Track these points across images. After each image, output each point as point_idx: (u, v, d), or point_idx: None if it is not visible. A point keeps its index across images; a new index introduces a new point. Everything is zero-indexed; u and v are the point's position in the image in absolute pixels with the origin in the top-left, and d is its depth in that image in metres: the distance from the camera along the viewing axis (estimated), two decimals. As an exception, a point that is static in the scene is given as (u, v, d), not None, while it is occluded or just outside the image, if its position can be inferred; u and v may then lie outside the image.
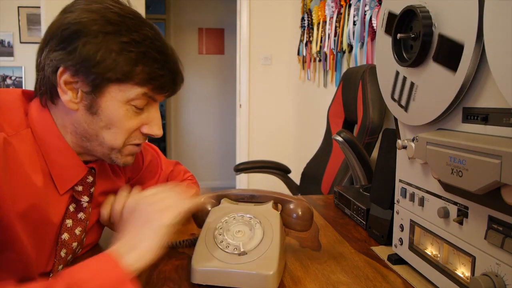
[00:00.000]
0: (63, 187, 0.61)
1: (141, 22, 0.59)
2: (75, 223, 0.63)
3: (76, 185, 0.62)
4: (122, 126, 0.59)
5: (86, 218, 0.65)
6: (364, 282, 0.59)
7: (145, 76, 0.57)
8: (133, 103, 0.59)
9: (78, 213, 0.64)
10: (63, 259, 0.63)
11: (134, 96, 0.58)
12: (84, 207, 0.64)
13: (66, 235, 0.62)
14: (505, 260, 0.42)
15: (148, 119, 0.62)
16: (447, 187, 0.50)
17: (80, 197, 0.63)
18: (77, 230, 0.64)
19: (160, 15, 4.56)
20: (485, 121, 0.44)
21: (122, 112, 0.58)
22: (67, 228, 0.62)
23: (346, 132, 1.10)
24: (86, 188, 0.64)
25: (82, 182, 0.63)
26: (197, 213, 0.69)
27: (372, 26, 1.51)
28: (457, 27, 0.46)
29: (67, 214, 0.62)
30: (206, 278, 0.57)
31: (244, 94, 3.05)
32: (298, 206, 0.65)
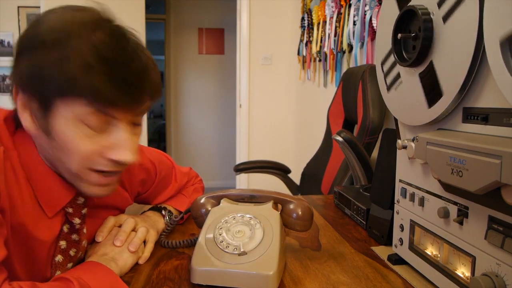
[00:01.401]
0: (50, 210, 0.58)
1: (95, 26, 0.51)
2: (69, 245, 0.61)
3: (66, 207, 0.60)
4: (74, 148, 0.53)
5: (80, 239, 0.63)
6: (364, 282, 0.59)
7: (90, 89, 0.50)
8: (85, 121, 0.52)
9: (72, 235, 0.62)
10: None
11: (83, 113, 0.51)
12: (76, 228, 0.62)
13: (60, 257, 0.60)
14: (505, 260, 0.42)
15: (111, 142, 0.54)
16: (447, 187, 0.50)
17: (72, 218, 0.61)
18: (72, 251, 0.62)
19: (160, 15, 4.56)
20: (485, 121, 0.44)
21: (72, 131, 0.52)
22: (61, 250, 0.60)
23: (346, 132, 1.10)
24: (77, 210, 0.61)
25: (71, 204, 0.60)
26: (197, 213, 0.69)
27: (372, 26, 1.51)
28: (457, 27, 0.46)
29: (61, 235, 0.60)
30: (206, 278, 0.57)
31: (244, 94, 3.05)
32: (298, 206, 0.65)
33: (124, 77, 0.51)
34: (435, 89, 0.51)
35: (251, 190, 0.70)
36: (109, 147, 0.54)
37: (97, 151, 0.54)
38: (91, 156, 0.54)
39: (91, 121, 0.52)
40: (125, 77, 0.52)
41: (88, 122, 0.52)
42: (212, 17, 4.47)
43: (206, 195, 0.70)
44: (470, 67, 0.44)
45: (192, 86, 4.58)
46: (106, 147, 0.54)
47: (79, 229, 0.62)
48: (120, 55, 0.51)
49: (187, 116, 4.62)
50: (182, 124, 4.63)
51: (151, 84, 0.55)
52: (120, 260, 0.60)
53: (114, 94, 0.51)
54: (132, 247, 0.63)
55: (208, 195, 0.70)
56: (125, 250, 0.63)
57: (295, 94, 2.96)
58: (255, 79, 3.06)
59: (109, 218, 0.68)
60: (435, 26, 0.50)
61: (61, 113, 0.51)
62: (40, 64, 0.50)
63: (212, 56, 4.54)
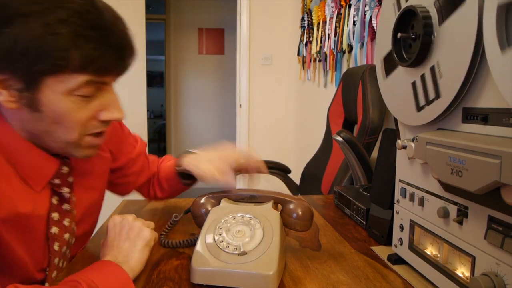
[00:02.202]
0: (37, 184, 0.58)
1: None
2: (62, 215, 0.62)
3: (52, 179, 0.60)
4: (72, 119, 0.53)
5: (72, 208, 0.63)
6: (364, 282, 0.59)
7: (81, 61, 0.49)
8: (77, 93, 0.52)
9: (63, 205, 0.62)
10: (57, 252, 0.62)
11: (76, 86, 0.51)
12: (67, 198, 0.63)
13: (55, 228, 0.61)
14: (505, 260, 0.42)
15: (103, 105, 0.56)
16: (447, 187, 0.50)
17: (60, 189, 0.61)
18: (66, 221, 0.63)
19: (160, 15, 4.56)
20: (485, 121, 0.44)
21: (67, 104, 0.52)
22: (54, 222, 0.61)
23: (346, 132, 1.10)
24: (64, 179, 0.62)
25: (57, 175, 0.61)
26: (197, 213, 0.69)
27: (372, 26, 1.51)
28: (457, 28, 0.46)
29: (52, 207, 0.61)
30: (206, 278, 0.57)
31: (244, 94, 3.05)
32: (298, 206, 0.65)
33: (113, 41, 0.52)
34: (435, 89, 0.51)
35: (251, 190, 0.70)
36: (101, 109, 0.56)
37: (92, 116, 0.55)
38: (87, 122, 0.55)
39: (84, 92, 0.52)
40: (115, 41, 0.52)
41: (81, 92, 0.52)
42: (212, 17, 4.47)
43: (206, 195, 0.71)
44: (469, 67, 0.44)
45: (192, 86, 4.58)
46: (98, 110, 0.56)
47: (69, 198, 0.63)
48: (103, 20, 0.51)
49: (187, 116, 4.63)
50: (182, 124, 4.63)
51: (131, 44, 0.56)
52: (131, 262, 0.58)
53: (107, 62, 0.51)
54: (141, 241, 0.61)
55: (208, 195, 0.70)
56: (134, 249, 0.60)
57: (295, 94, 2.96)
58: (255, 79, 3.07)
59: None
60: (435, 26, 0.50)
61: (51, 88, 0.50)
62: (20, 38, 0.47)
63: (212, 56, 4.54)
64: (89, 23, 0.49)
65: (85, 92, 0.52)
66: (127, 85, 2.70)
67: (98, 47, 0.50)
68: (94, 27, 0.49)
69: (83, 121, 0.55)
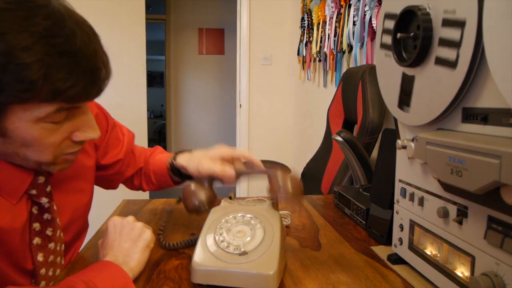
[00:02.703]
0: (12, 197, 0.57)
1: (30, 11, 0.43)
2: (44, 225, 0.61)
3: (28, 190, 0.59)
4: (43, 144, 0.51)
5: (54, 217, 0.62)
6: (364, 282, 0.59)
7: (50, 91, 0.45)
8: (47, 120, 0.49)
9: (43, 215, 0.61)
10: (42, 263, 0.61)
11: (45, 115, 0.48)
12: (46, 207, 0.61)
13: (38, 239, 0.60)
14: (504, 260, 0.42)
15: (76, 126, 0.54)
16: (446, 187, 0.51)
17: (38, 199, 0.60)
18: (48, 231, 0.61)
19: (160, 15, 4.57)
20: (484, 121, 0.44)
21: (37, 131, 0.49)
22: (36, 232, 0.60)
23: (346, 132, 1.10)
24: (41, 190, 0.60)
25: (33, 186, 0.59)
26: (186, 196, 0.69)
27: (372, 26, 1.51)
28: (457, 26, 0.46)
29: (32, 217, 0.60)
30: (207, 277, 0.57)
31: (244, 94, 3.05)
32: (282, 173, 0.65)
33: (86, 70, 0.47)
34: (434, 89, 0.51)
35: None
36: (76, 130, 0.54)
37: (64, 137, 0.53)
38: (60, 144, 0.54)
39: (55, 118, 0.50)
40: (87, 69, 0.47)
41: (52, 119, 0.49)
42: (212, 17, 4.47)
43: (194, 181, 0.72)
44: (469, 67, 0.44)
45: (192, 86, 4.58)
46: (72, 132, 0.54)
47: (49, 207, 0.62)
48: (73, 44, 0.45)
49: (187, 116, 4.63)
50: (182, 124, 4.63)
51: (105, 64, 0.51)
52: (131, 262, 0.58)
53: (79, 91, 0.47)
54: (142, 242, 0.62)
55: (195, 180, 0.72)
56: (135, 250, 0.60)
57: (295, 94, 2.96)
58: (255, 79, 3.07)
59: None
60: (435, 26, 0.50)
61: (19, 116, 0.47)
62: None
63: (212, 56, 4.54)
64: (56, 49, 0.44)
65: (55, 119, 0.50)
66: (127, 85, 2.72)
67: (67, 77, 0.45)
68: (63, 54, 0.44)
69: (55, 144, 0.53)
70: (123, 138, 0.84)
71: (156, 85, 6.83)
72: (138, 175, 0.89)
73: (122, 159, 0.83)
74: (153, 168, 0.87)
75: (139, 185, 0.89)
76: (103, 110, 0.80)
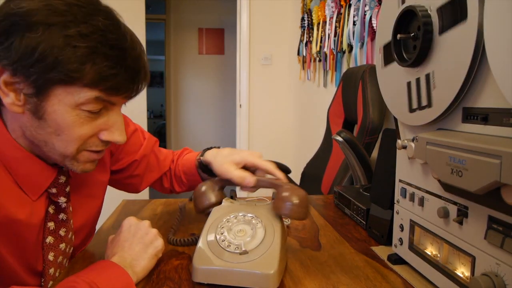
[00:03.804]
0: (33, 193, 0.57)
1: (94, 10, 0.51)
2: (58, 225, 0.61)
3: (49, 188, 0.59)
4: (73, 133, 0.53)
5: (68, 218, 0.63)
6: (364, 282, 0.59)
7: (95, 76, 0.49)
8: (84, 107, 0.52)
9: (59, 214, 0.61)
10: (52, 262, 0.61)
11: (84, 100, 0.51)
12: (63, 207, 0.62)
13: (51, 238, 0.60)
14: (505, 260, 0.42)
15: (106, 125, 0.55)
16: (447, 187, 0.51)
17: (56, 198, 0.61)
18: (62, 231, 0.62)
19: (160, 15, 4.57)
20: (485, 121, 0.44)
21: (71, 118, 0.52)
22: (50, 231, 0.60)
23: (346, 132, 1.10)
24: (61, 189, 0.61)
25: (54, 184, 0.60)
26: (197, 196, 0.70)
27: (372, 26, 1.51)
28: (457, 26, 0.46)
29: (48, 216, 0.60)
30: (208, 276, 0.57)
31: (244, 94, 3.05)
32: (293, 193, 0.63)
33: (129, 64, 0.52)
34: (435, 89, 0.51)
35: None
36: (103, 129, 0.55)
37: (93, 133, 0.55)
38: (88, 139, 0.55)
39: (91, 107, 0.52)
40: (130, 64, 0.52)
41: (88, 108, 0.52)
42: (212, 17, 4.47)
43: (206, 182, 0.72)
44: (470, 67, 0.44)
45: (192, 86, 4.58)
46: (100, 129, 0.55)
47: (66, 208, 0.62)
48: (122, 41, 0.51)
49: (187, 116, 4.63)
50: (182, 124, 4.63)
51: (146, 69, 0.56)
52: (138, 267, 0.58)
53: (119, 82, 0.52)
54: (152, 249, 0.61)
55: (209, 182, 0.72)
56: (144, 255, 0.60)
57: (295, 94, 2.96)
58: (255, 79, 3.07)
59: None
60: (435, 26, 0.50)
61: (60, 98, 0.50)
62: (40, 45, 0.47)
63: (212, 56, 4.55)
64: (109, 42, 0.49)
65: (91, 108, 0.52)
66: (127, 85, 2.71)
67: (113, 66, 0.50)
68: (113, 47, 0.50)
69: (84, 137, 0.54)
70: (144, 142, 0.84)
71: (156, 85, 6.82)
72: (167, 178, 0.89)
73: (138, 160, 0.82)
74: (183, 168, 0.87)
75: (170, 187, 0.89)
76: (125, 116, 0.80)
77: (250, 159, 0.75)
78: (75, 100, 0.51)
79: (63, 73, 0.48)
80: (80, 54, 0.48)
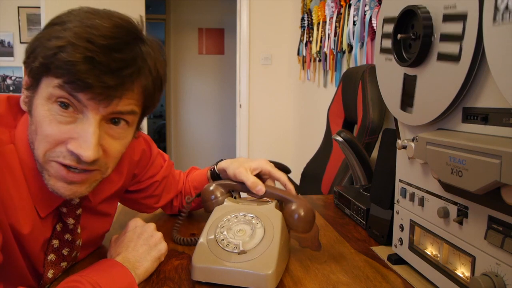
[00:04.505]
0: (43, 211, 0.56)
1: (97, 15, 0.50)
2: (62, 244, 0.60)
3: (60, 207, 0.58)
4: (42, 130, 0.50)
5: (74, 239, 0.62)
6: (364, 282, 0.59)
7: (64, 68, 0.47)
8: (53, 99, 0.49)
9: (65, 234, 0.60)
10: (50, 279, 0.60)
11: (52, 90, 0.49)
12: (70, 229, 0.60)
13: (53, 255, 0.59)
14: (505, 260, 0.42)
15: (75, 132, 0.50)
16: (447, 187, 0.50)
17: (66, 218, 0.59)
18: (64, 251, 0.61)
19: (160, 15, 4.56)
20: (485, 121, 0.44)
21: (44, 112, 0.50)
22: (53, 249, 0.59)
23: (346, 132, 1.10)
24: (71, 210, 0.60)
25: (66, 204, 0.59)
26: (206, 198, 0.70)
27: (372, 26, 1.51)
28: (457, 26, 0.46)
29: (54, 234, 0.59)
30: (206, 275, 0.57)
31: (244, 94, 3.05)
32: (300, 207, 0.65)
33: (104, 63, 0.48)
34: (435, 89, 0.51)
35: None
36: (72, 138, 0.50)
37: (60, 139, 0.50)
38: (55, 143, 0.50)
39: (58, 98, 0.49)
40: (105, 63, 0.48)
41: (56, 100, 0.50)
42: (212, 17, 4.47)
43: (215, 182, 0.73)
44: (470, 67, 0.44)
45: (192, 86, 4.58)
46: (70, 137, 0.50)
47: (73, 229, 0.61)
48: (108, 42, 0.48)
49: (187, 116, 4.63)
50: (182, 124, 4.63)
51: (133, 82, 0.51)
52: (140, 269, 0.57)
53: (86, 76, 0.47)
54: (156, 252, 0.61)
55: (217, 184, 0.72)
56: (148, 257, 0.60)
57: (295, 94, 2.96)
58: (255, 79, 3.06)
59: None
60: (435, 26, 0.50)
61: (41, 91, 0.50)
62: (37, 41, 0.50)
63: (212, 56, 4.54)
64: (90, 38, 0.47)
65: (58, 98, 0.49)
66: (127, 85, 2.71)
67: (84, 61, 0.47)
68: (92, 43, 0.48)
69: (50, 138, 0.50)
70: (164, 164, 0.83)
71: (156, 85, 6.82)
72: (177, 198, 0.88)
73: (159, 181, 0.81)
74: (193, 183, 0.87)
75: (179, 205, 0.88)
76: (149, 143, 0.79)
77: (266, 167, 0.77)
78: (49, 93, 0.49)
79: (41, 61, 0.49)
80: (58, 44, 0.47)
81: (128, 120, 0.54)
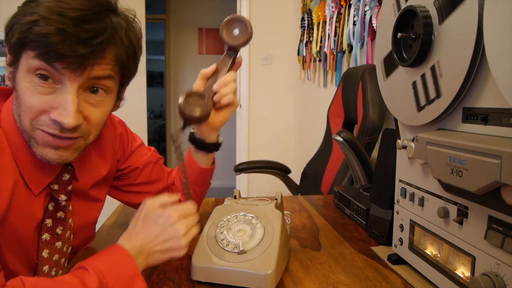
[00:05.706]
0: (36, 187, 0.58)
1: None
2: (55, 223, 0.61)
3: (51, 184, 0.60)
4: (25, 102, 0.54)
5: (67, 217, 0.63)
6: (364, 282, 0.59)
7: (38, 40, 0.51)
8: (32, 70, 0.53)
9: (57, 212, 0.62)
10: (46, 259, 0.60)
11: (35, 65, 0.52)
12: (62, 205, 0.62)
13: (47, 235, 0.60)
14: (505, 260, 0.42)
15: (56, 102, 0.53)
16: (447, 187, 0.50)
17: (57, 195, 0.61)
18: (59, 229, 0.62)
19: (160, 15, 4.56)
20: (485, 121, 0.44)
21: (25, 84, 0.53)
22: (47, 228, 0.60)
23: (346, 132, 1.10)
24: (63, 187, 0.62)
25: (57, 181, 0.61)
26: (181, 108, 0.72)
27: (372, 26, 1.51)
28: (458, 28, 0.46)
29: (47, 213, 0.60)
30: (206, 275, 0.57)
31: (244, 94, 3.05)
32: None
33: (75, 34, 0.51)
34: (435, 88, 0.51)
35: None
36: (54, 107, 0.54)
37: (42, 108, 0.54)
38: (38, 112, 0.54)
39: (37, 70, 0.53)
40: (76, 34, 0.51)
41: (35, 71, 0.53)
42: (212, 17, 4.46)
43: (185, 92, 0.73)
44: (469, 67, 0.44)
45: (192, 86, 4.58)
46: (51, 107, 0.54)
47: (65, 206, 0.62)
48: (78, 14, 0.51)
49: (187, 116, 4.62)
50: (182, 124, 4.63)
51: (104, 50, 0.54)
52: (151, 261, 0.54)
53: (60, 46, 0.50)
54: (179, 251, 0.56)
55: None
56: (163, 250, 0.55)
57: (295, 94, 2.96)
58: (255, 79, 3.06)
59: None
60: (435, 25, 0.50)
61: (22, 65, 0.54)
62: (14, 18, 0.54)
63: (212, 56, 4.54)
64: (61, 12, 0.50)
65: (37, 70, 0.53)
66: (127, 85, 2.71)
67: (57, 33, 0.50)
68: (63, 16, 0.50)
69: (33, 109, 0.54)
70: (148, 152, 0.83)
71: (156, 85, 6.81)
72: (170, 191, 0.85)
73: (140, 167, 0.80)
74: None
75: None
76: (124, 126, 0.80)
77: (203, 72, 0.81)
78: (28, 66, 0.53)
79: (18, 36, 0.52)
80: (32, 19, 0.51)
81: (106, 86, 0.58)
